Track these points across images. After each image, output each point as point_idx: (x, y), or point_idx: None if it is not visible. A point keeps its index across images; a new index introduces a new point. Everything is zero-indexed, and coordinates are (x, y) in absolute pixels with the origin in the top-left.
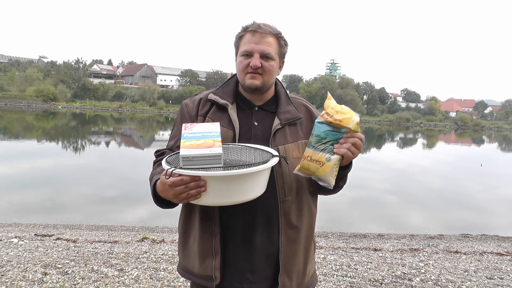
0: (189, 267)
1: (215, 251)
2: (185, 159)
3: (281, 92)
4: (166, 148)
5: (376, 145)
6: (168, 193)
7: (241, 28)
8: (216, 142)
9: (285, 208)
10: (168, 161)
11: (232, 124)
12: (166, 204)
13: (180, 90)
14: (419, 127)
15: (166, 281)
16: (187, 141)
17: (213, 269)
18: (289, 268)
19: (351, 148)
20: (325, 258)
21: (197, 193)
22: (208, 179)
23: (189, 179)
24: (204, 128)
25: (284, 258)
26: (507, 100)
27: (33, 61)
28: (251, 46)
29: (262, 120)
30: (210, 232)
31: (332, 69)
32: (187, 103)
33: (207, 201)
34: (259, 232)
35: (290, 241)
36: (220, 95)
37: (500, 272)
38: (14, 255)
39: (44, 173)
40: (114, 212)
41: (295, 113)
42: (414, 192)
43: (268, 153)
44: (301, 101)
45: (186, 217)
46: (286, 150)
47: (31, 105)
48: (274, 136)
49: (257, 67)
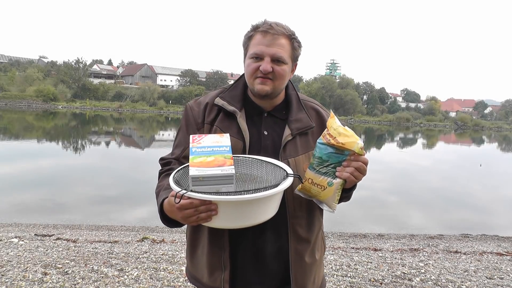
0: (198, 276)
1: (224, 265)
2: (195, 179)
3: (293, 96)
4: (172, 158)
5: (376, 145)
6: (176, 215)
7: (251, 27)
8: (227, 159)
9: (294, 224)
10: (176, 179)
11: (242, 134)
12: (173, 223)
13: (180, 90)
14: (419, 127)
15: (166, 281)
16: (196, 157)
17: (222, 282)
18: (301, 282)
19: (354, 173)
20: (325, 258)
21: (207, 216)
22: (219, 203)
23: (199, 203)
24: (213, 141)
25: (295, 273)
26: (507, 100)
27: (33, 61)
28: (262, 49)
29: (272, 129)
30: (220, 245)
31: (332, 69)
32: (192, 106)
33: (218, 224)
34: (268, 246)
35: (299, 255)
36: (227, 100)
37: (500, 272)
38: (14, 255)
39: (44, 173)
40: (114, 212)
41: (307, 121)
42: (414, 192)
43: (281, 169)
44: (312, 104)
45: (194, 229)
46: (297, 162)
47: (31, 105)
48: (285, 148)
49: (268, 72)
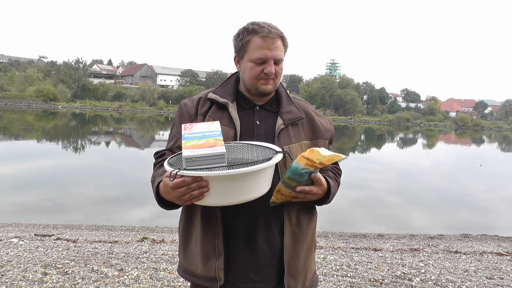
0: (191, 269)
1: (218, 252)
2: (188, 160)
3: (282, 92)
4: (166, 149)
5: (376, 145)
6: (171, 195)
7: (245, 30)
8: (218, 141)
9: (289, 208)
10: (170, 163)
11: (233, 123)
12: (170, 205)
13: (180, 90)
14: (419, 127)
15: (166, 281)
16: (188, 141)
17: (216, 270)
18: (294, 269)
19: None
20: (325, 258)
21: (199, 194)
22: (210, 179)
23: (191, 180)
24: (204, 127)
25: (288, 259)
26: (507, 100)
27: (33, 61)
28: (266, 53)
29: (264, 119)
30: (213, 232)
31: (332, 69)
32: (186, 102)
33: (211, 201)
34: (262, 232)
35: (294, 241)
36: (220, 94)
37: (500, 272)
38: (14, 255)
39: (44, 173)
40: (114, 212)
41: (297, 113)
42: (414, 192)
43: (271, 150)
44: (300, 101)
45: (187, 218)
46: (291, 150)
47: (31, 105)
48: (279, 136)
49: (273, 74)
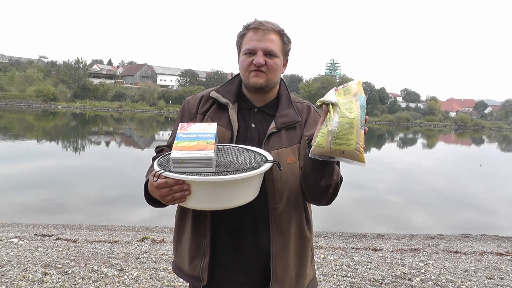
0: (180, 265)
1: (204, 253)
2: (175, 161)
3: (283, 95)
4: (166, 145)
5: (376, 145)
6: (156, 194)
7: (243, 27)
8: (209, 144)
9: (276, 216)
10: (160, 162)
11: (231, 125)
12: (156, 203)
13: (180, 90)
14: (419, 127)
15: (166, 281)
16: (180, 142)
17: (201, 270)
18: (281, 276)
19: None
20: (325, 258)
21: (181, 196)
22: (192, 183)
23: (174, 182)
24: (200, 128)
25: (275, 266)
26: (507, 100)
27: (33, 61)
28: (254, 44)
29: (259, 123)
30: (201, 233)
31: (332, 69)
32: (189, 100)
33: (193, 205)
34: (249, 237)
35: (280, 249)
36: (222, 94)
37: (500, 272)
38: (14, 255)
39: (44, 173)
40: (114, 212)
41: (293, 116)
42: (414, 192)
43: (263, 157)
44: (302, 104)
45: (180, 216)
46: (280, 155)
47: (31, 105)
48: (268, 140)
49: (261, 65)
